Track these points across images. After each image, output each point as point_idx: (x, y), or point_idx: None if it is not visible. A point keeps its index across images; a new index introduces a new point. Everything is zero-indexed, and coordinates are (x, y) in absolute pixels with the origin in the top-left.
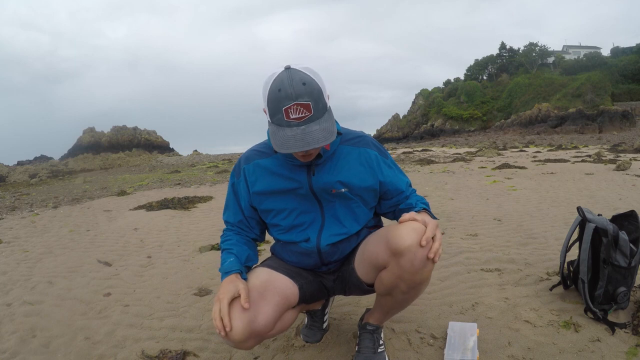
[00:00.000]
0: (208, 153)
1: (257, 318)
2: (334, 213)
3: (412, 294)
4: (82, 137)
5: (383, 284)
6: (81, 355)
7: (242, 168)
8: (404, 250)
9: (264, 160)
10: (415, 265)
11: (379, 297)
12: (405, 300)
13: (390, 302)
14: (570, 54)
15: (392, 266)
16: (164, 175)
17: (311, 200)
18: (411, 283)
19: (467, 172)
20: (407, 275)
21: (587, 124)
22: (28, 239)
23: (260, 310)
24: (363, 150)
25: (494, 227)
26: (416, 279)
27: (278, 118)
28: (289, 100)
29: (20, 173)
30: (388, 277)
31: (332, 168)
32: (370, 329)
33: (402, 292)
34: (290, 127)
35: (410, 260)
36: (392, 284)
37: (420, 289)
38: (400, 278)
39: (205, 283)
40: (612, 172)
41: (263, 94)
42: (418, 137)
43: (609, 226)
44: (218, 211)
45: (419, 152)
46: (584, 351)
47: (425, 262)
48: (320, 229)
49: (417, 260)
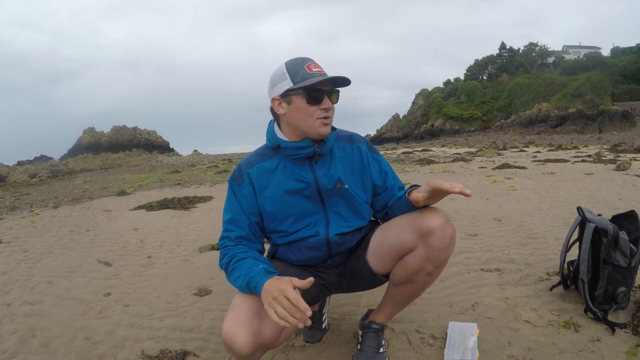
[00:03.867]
0: (208, 153)
1: (264, 331)
2: (336, 210)
3: (434, 276)
4: (82, 137)
5: (407, 268)
6: (81, 355)
7: (245, 173)
8: (434, 229)
9: (267, 163)
10: (445, 242)
11: (393, 288)
12: (424, 284)
13: (406, 291)
14: (570, 54)
15: (420, 248)
16: (164, 175)
17: (315, 200)
18: (439, 261)
19: (467, 172)
20: (437, 253)
21: (587, 124)
22: (28, 239)
23: (265, 322)
24: (356, 147)
25: (494, 227)
26: (444, 256)
27: (302, 74)
28: (306, 61)
29: (20, 173)
30: (414, 260)
31: (332, 163)
32: (375, 328)
33: (426, 274)
34: (314, 77)
35: (440, 238)
36: (419, 267)
37: (442, 268)
38: (428, 259)
39: (205, 283)
40: (612, 172)
41: (278, 76)
42: (418, 137)
43: (609, 226)
44: (218, 211)
45: (419, 152)
46: (584, 351)
47: (453, 238)
48: (326, 224)
49: (447, 237)
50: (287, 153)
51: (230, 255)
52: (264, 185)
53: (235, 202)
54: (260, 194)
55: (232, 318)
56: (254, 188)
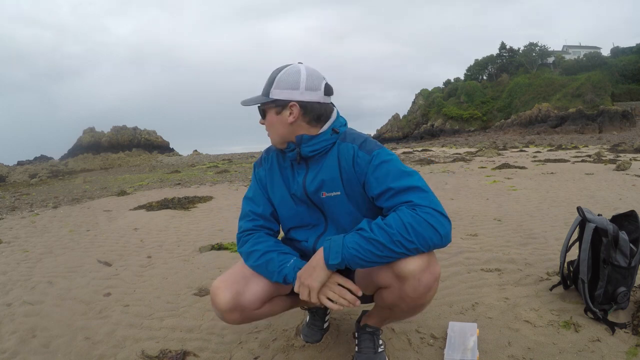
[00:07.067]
0: (208, 153)
1: (245, 292)
2: (337, 222)
3: (413, 313)
4: (82, 137)
5: (383, 301)
6: (81, 355)
7: (263, 157)
8: (407, 275)
9: (278, 154)
10: (419, 291)
11: (378, 307)
12: (404, 316)
13: (389, 314)
14: (570, 54)
15: (394, 288)
16: (164, 175)
17: (311, 207)
18: (413, 305)
19: (467, 172)
20: (410, 299)
21: (587, 124)
22: (28, 239)
23: (249, 286)
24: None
25: (494, 227)
26: (418, 303)
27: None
28: None
29: (20, 173)
30: (389, 296)
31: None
32: (370, 330)
33: (402, 311)
34: None
35: (413, 286)
36: (393, 303)
37: (422, 309)
38: (402, 299)
39: (205, 283)
40: (612, 172)
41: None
42: (418, 137)
43: (609, 226)
44: (218, 211)
45: (419, 152)
46: (584, 351)
47: (430, 287)
48: (320, 234)
49: (422, 286)
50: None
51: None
52: (273, 173)
53: (255, 182)
54: (270, 180)
55: (223, 276)
56: (266, 171)
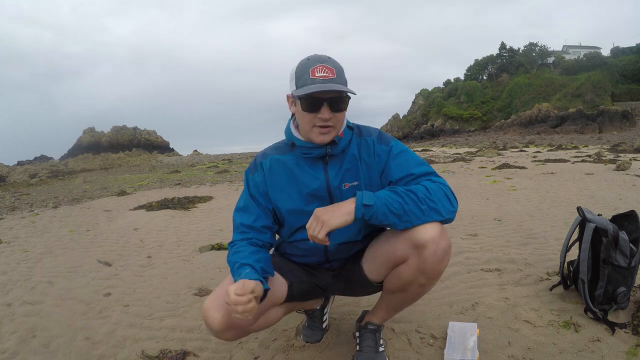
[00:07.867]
0: (208, 153)
1: None
2: None
3: (428, 287)
4: (82, 137)
5: (400, 279)
6: (81, 355)
7: (259, 163)
8: (426, 241)
9: (282, 156)
10: (438, 255)
11: (387, 295)
12: (417, 294)
13: (400, 298)
14: (570, 54)
15: (412, 260)
16: (164, 175)
17: (325, 203)
18: (432, 274)
19: (467, 172)
20: (430, 266)
21: (587, 124)
22: (28, 239)
23: None
24: (363, 140)
25: (494, 227)
26: (437, 269)
27: (304, 79)
28: (315, 62)
29: (20, 173)
30: (407, 270)
31: (345, 162)
32: (372, 329)
33: (419, 285)
34: (314, 83)
35: (433, 250)
36: (411, 278)
37: (436, 280)
38: (420, 271)
39: (205, 283)
40: (612, 172)
41: (291, 74)
42: (418, 137)
43: (609, 226)
44: (218, 211)
45: (419, 152)
46: (584, 351)
47: (447, 252)
48: None
49: (440, 250)
50: (300, 152)
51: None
52: (276, 177)
53: (248, 191)
54: (272, 184)
55: (213, 295)
56: (265, 177)
